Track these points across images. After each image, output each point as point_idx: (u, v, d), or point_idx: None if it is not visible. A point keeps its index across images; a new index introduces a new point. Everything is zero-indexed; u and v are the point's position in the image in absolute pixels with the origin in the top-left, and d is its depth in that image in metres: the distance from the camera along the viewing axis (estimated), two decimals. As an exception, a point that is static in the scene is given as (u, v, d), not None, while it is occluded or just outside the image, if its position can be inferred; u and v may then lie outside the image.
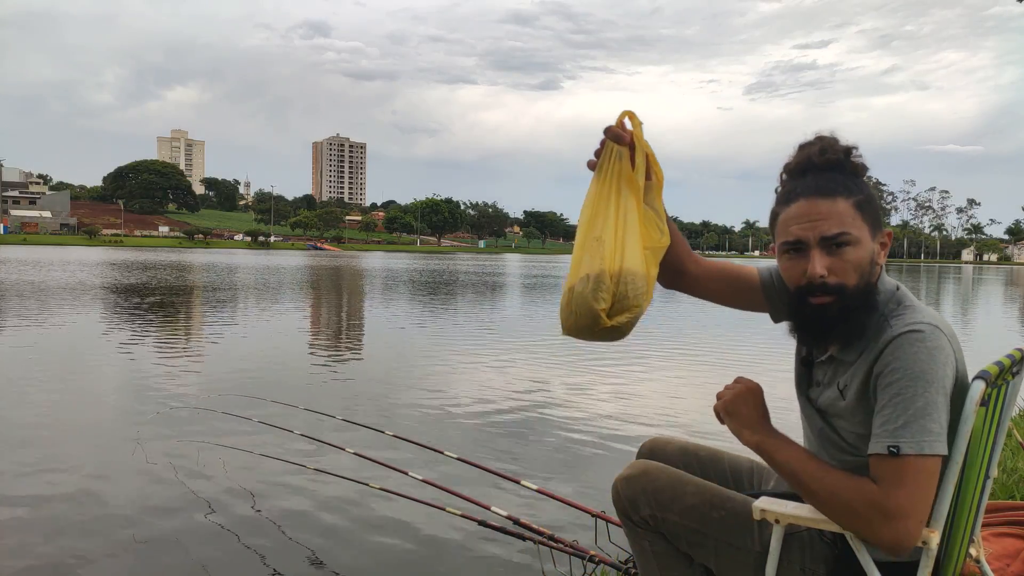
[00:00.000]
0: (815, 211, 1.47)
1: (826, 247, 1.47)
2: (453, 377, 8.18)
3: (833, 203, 1.47)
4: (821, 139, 1.54)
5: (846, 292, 1.47)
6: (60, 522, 3.74)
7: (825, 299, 1.48)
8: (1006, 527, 2.55)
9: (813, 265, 1.47)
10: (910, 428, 1.38)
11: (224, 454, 4.69)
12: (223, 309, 15.83)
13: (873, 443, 1.42)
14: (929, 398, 1.39)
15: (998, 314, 20.67)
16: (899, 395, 1.39)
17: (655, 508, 1.66)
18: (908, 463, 1.37)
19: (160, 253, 65.40)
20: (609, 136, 1.49)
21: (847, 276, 1.47)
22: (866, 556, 1.48)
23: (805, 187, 1.50)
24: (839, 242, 1.46)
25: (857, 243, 1.47)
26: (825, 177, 1.50)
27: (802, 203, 1.49)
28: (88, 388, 7.22)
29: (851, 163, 1.52)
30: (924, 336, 1.42)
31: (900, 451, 1.38)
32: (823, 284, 1.47)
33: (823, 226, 1.46)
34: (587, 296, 1.45)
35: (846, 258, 1.47)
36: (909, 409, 1.38)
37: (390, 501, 3.85)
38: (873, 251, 1.50)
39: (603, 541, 2.65)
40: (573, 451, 5.21)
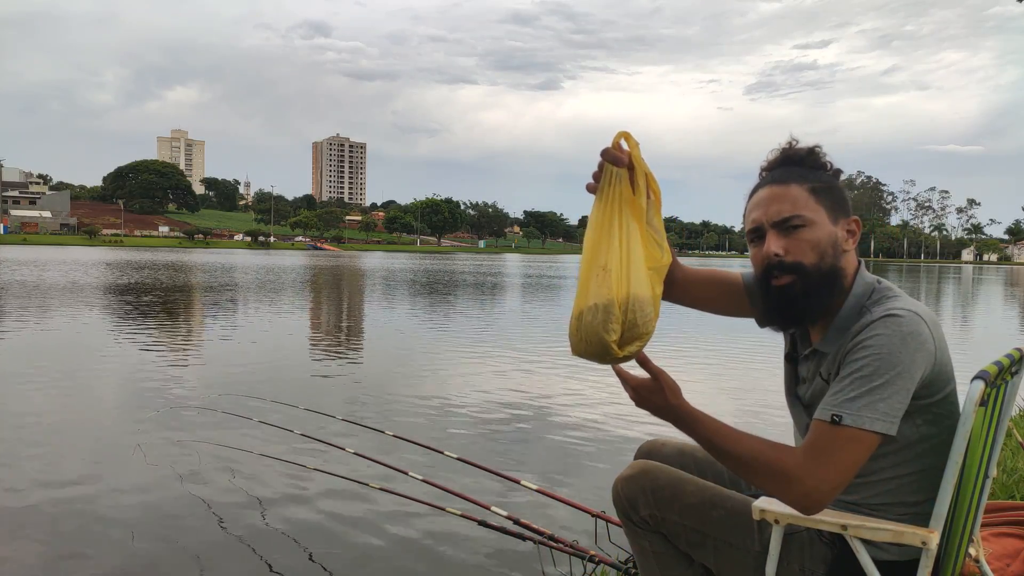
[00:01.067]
0: (768, 196, 1.55)
1: (780, 229, 1.53)
2: (453, 377, 8.18)
3: (786, 188, 1.54)
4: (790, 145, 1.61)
5: (804, 269, 1.51)
6: (59, 521, 3.74)
7: (785, 279, 1.52)
8: (1006, 527, 2.55)
9: (767, 245, 1.53)
10: (857, 402, 1.40)
11: (224, 454, 4.70)
12: (223, 309, 15.84)
13: (819, 409, 1.45)
14: (888, 380, 1.40)
15: (998, 314, 20.67)
16: (859, 372, 1.42)
17: (655, 508, 1.66)
18: (843, 433, 1.40)
19: (160, 253, 65.42)
20: (607, 159, 1.49)
21: (803, 255, 1.51)
22: (866, 556, 1.48)
23: (765, 180, 1.59)
24: (791, 224, 1.51)
25: (811, 224, 1.51)
26: (782, 169, 1.57)
27: (760, 192, 1.57)
28: (88, 388, 7.22)
29: (812, 158, 1.57)
30: (900, 320, 1.43)
31: (841, 421, 1.40)
32: (779, 262, 1.52)
33: (775, 208, 1.53)
34: (597, 327, 1.45)
35: (801, 237, 1.52)
36: (864, 386, 1.40)
37: (390, 501, 3.85)
38: (833, 234, 1.53)
39: (603, 541, 2.65)
40: (573, 451, 5.22)
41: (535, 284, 30.52)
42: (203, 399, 6.41)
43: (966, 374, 1.51)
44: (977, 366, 1.48)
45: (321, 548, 3.50)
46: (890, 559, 1.53)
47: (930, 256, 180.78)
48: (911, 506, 1.52)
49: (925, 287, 35.73)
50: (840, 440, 1.40)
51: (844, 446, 1.39)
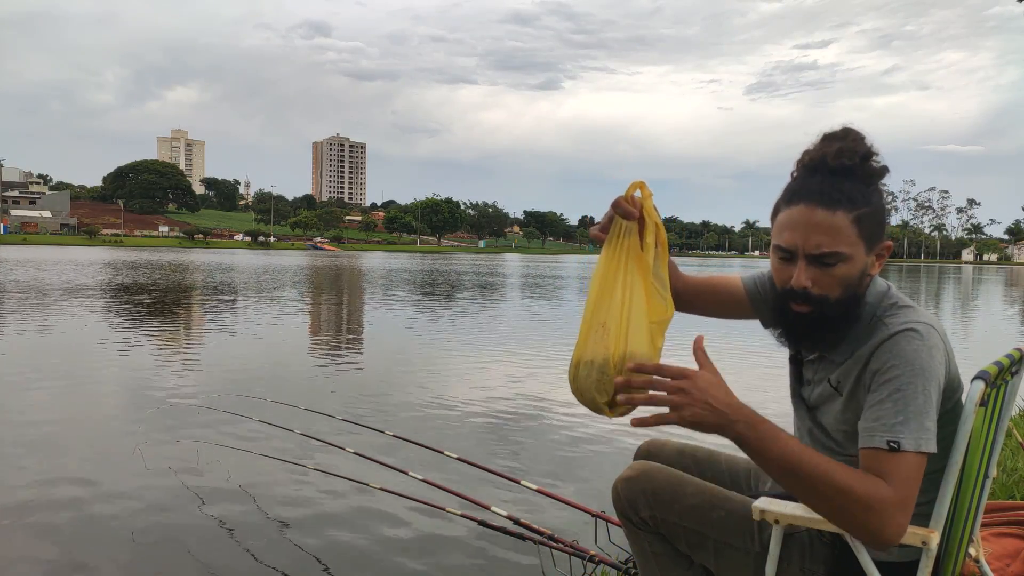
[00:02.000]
0: (811, 221, 1.42)
1: (814, 262, 1.44)
2: (453, 377, 8.18)
3: (832, 216, 1.41)
4: (844, 137, 1.46)
5: (827, 304, 1.46)
6: (59, 521, 3.73)
7: (804, 307, 1.47)
8: (1006, 527, 2.55)
9: (798, 276, 1.45)
10: (909, 425, 1.37)
11: (224, 454, 4.69)
12: (223, 309, 15.83)
13: (867, 437, 1.40)
14: (928, 396, 1.38)
15: (998, 314, 20.66)
16: (900, 391, 1.39)
17: (655, 509, 1.66)
18: (908, 459, 1.36)
19: (160, 253, 65.41)
20: (618, 212, 1.45)
21: (831, 290, 1.45)
22: (866, 556, 1.48)
23: (809, 191, 1.44)
24: (826, 261, 1.43)
25: (848, 260, 1.43)
26: (831, 184, 1.43)
27: (802, 208, 1.44)
28: (88, 387, 7.21)
29: (865, 170, 1.45)
30: (922, 335, 1.42)
31: (900, 447, 1.36)
32: (805, 294, 1.45)
33: (815, 240, 1.42)
34: (590, 385, 1.42)
35: (833, 274, 1.44)
36: (910, 406, 1.37)
37: (390, 501, 3.85)
38: (866, 265, 1.47)
39: (603, 541, 2.65)
40: (573, 451, 5.21)
41: (535, 284, 30.51)
42: (203, 399, 6.41)
43: (966, 374, 1.51)
44: (977, 366, 1.48)
45: (321, 548, 3.50)
46: (890, 560, 1.53)
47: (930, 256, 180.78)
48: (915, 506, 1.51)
49: (925, 287, 35.71)
50: (904, 465, 1.35)
51: (910, 471, 1.35)
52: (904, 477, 1.35)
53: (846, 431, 1.53)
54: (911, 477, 1.36)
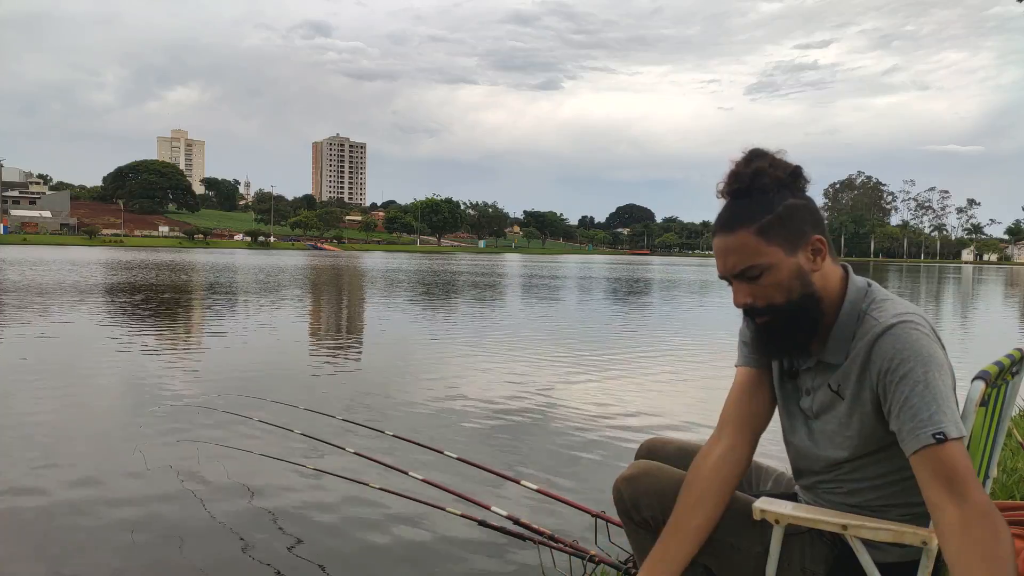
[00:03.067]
0: (722, 247, 1.54)
1: (741, 279, 1.53)
2: (453, 377, 8.18)
3: (734, 237, 1.51)
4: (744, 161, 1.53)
5: (778, 309, 1.52)
6: (59, 521, 3.73)
7: (763, 319, 1.55)
8: (1006, 527, 2.55)
9: (735, 296, 1.56)
10: (945, 412, 1.38)
11: (224, 453, 4.69)
12: (223, 309, 15.83)
13: (913, 439, 1.39)
14: (945, 381, 1.41)
15: (998, 314, 20.66)
16: (920, 382, 1.39)
17: (656, 509, 1.66)
18: (957, 447, 1.36)
19: (160, 253, 65.40)
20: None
21: (771, 297, 1.52)
22: (866, 557, 1.48)
23: (716, 222, 1.57)
24: (748, 275, 1.51)
25: (769, 268, 1.50)
26: (730, 209, 1.53)
27: (715, 240, 1.56)
28: (88, 387, 7.21)
29: (758, 184, 1.50)
30: (915, 324, 1.44)
31: (947, 436, 1.36)
32: (751, 308, 1.54)
33: (730, 261, 1.52)
34: None
35: (763, 283, 1.51)
36: (937, 394, 1.39)
37: (390, 501, 3.85)
38: (795, 266, 1.50)
39: (603, 541, 2.65)
40: (573, 451, 5.21)
41: (535, 284, 30.51)
42: (203, 399, 6.41)
43: (966, 374, 1.51)
44: (977, 366, 1.48)
45: (321, 548, 3.50)
46: (891, 561, 1.52)
47: (930, 256, 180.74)
48: (914, 507, 1.51)
49: (925, 287, 35.72)
50: (958, 454, 1.36)
51: (964, 457, 1.37)
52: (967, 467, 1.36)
53: (850, 436, 1.53)
54: (963, 462, 1.36)
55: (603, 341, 11.77)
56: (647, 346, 11.24)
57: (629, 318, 16.63)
